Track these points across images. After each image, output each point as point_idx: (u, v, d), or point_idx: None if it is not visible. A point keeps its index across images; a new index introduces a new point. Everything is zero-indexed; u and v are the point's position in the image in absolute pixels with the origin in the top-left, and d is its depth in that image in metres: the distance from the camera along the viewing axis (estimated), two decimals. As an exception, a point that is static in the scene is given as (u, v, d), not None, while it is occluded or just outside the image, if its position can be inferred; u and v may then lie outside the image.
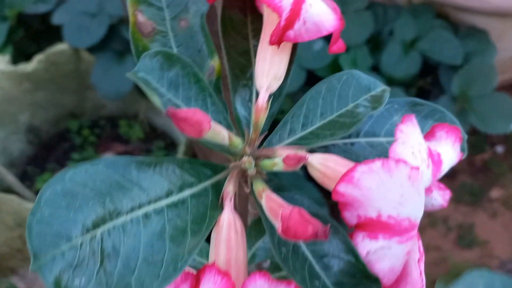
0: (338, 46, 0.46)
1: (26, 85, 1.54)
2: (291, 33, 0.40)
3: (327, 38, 0.44)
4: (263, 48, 0.43)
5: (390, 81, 1.57)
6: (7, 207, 0.96)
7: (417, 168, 0.37)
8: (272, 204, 0.39)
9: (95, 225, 0.34)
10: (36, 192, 1.55)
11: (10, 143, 1.55)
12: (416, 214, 0.38)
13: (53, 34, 1.83)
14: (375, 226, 0.38)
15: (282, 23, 0.39)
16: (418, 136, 0.40)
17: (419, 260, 0.37)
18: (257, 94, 0.44)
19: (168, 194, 0.38)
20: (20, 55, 1.89)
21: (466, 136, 0.48)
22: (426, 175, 0.39)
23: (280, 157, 0.41)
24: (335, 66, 1.57)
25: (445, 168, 0.42)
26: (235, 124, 0.46)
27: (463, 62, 1.48)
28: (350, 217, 0.39)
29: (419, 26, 1.55)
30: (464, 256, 1.93)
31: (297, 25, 0.40)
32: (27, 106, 1.57)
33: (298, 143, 0.44)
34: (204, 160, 0.43)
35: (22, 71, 1.50)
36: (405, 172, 0.37)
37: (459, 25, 1.61)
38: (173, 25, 0.48)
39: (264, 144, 0.45)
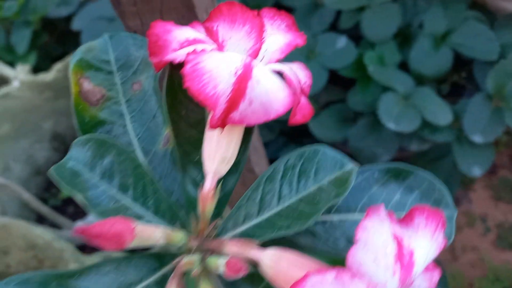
0: (302, 114, 0.40)
1: (47, 94, 1.55)
2: (235, 115, 0.35)
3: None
4: (209, 127, 0.38)
5: (420, 78, 1.46)
6: (16, 231, 0.97)
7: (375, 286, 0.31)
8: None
9: None
10: (63, 200, 1.58)
11: (35, 152, 1.58)
12: None
13: (78, 36, 1.83)
14: None
15: (222, 106, 0.34)
16: (385, 235, 0.34)
17: None
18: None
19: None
20: (45, 59, 1.91)
21: (455, 214, 0.41)
22: (391, 284, 0.33)
23: (227, 255, 0.37)
24: (359, 65, 1.48)
25: (419, 269, 0.36)
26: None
27: (499, 57, 1.35)
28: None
29: (451, 18, 1.42)
30: (504, 258, 1.82)
31: (243, 106, 0.35)
32: (50, 114, 1.59)
33: (252, 232, 0.39)
34: (148, 253, 0.38)
35: (42, 80, 1.51)
36: (360, 292, 0.31)
37: (496, 14, 1.47)
38: (125, 89, 0.44)
39: (217, 231, 0.40)
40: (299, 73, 0.38)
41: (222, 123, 0.35)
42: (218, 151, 0.37)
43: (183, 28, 0.37)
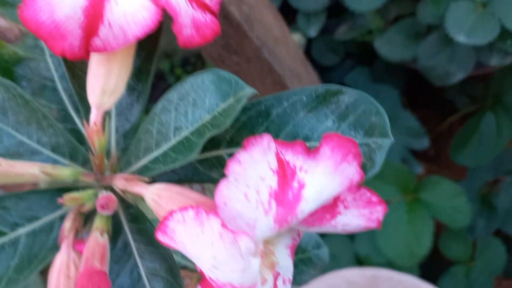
0: (201, 34, 0.35)
1: None
2: (97, 42, 0.31)
3: None
4: (91, 58, 0.35)
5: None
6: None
7: (226, 227, 0.28)
8: (88, 254, 0.33)
9: None
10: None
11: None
12: (241, 280, 0.29)
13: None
14: (206, 283, 0.30)
15: (78, 33, 0.31)
16: (263, 169, 0.30)
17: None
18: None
19: (-7, 238, 0.35)
20: None
21: (389, 143, 0.35)
22: (263, 224, 0.30)
23: (116, 188, 0.35)
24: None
25: (310, 206, 0.31)
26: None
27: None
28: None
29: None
30: None
31: (103, 31, 0.31)
32: None
33: (149, 166, 0.36)
34: (53, 188, 0.38)
35: None
36: (216, 229, 0.28)
37: None
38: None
39: (122, 166, 0.38)
40: None
41: (84, 52, 0.32)
42: (98, 83, 0.35)
43: None
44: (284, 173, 0.31)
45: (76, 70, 0.38)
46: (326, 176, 0.31)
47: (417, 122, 1.54)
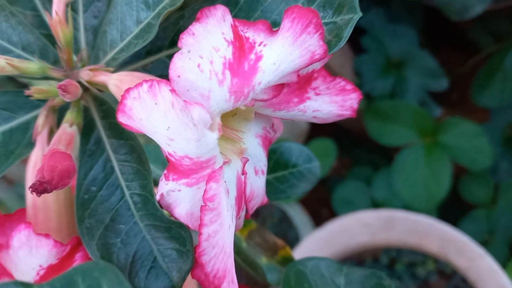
0: None
1: None
2: None
3: None
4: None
5: None
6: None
7: (175, 92, 0.27)
8: (54, 140, 0.33)
9: None
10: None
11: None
12: (197, 151, 0.29)
13: None
14: (170, 164, 0.30)
15: None
16: (217, 39, 0.29)
17: (202, 207, 0.29)
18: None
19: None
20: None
21: (355, 16, 0.33)
22: (218, 95, 0.29)
23: (83, 80, 0.35)
24: None
25: (267, 78, 0.30)
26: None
27: None
28: (163, 149, 0.31)
29: None
30: None
31: None
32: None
33: (116, 57, 0.36)
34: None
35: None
36: (168, 98, 0.28)
37: None
38: None
39: (91, 61, 0.38)
40: None
41: None
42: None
43: None
44: (241, 45, 0.30)
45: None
46: (284, 48, 0.30)
47: (435, 61, 1.48)
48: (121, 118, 0.30)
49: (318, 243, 1.25)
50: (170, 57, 0.38)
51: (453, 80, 1.56)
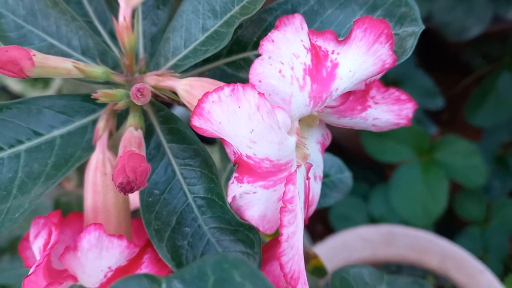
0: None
1: None
2: None
3: None
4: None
5: None
6: None
7: (263, 96, 0.28)
8: (125, 143, 0.34)
9: None
10: None
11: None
12: (278, 153, 0.29)
13: None
14: (242, 166, 0.31)
15: None
16: (296, 46, 0.30)
17: (282, 208, 0.29)
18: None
19: (29, 137, 0.36)
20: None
21: (417, 29, 0.35)
22: (299, 99, 0.30)
23: (148, 85, 0.35)
24: None
25: (344, 84, 0.31)
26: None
27: None
28: (229, 153, 0.32)
29: None
30: None
31: None
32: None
33: (179, 64, 0.37)
34: (86, 93, 0.38)
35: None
36: (253, 101, 0.28)
37: None
38: None
39: (151, 68, 0.39)
40: None
41: None
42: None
43: None
44: (317, 53, 0.31)
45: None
46: (359, 56, 0.31)
47: (431, 81, 1.53)
48: (196, 122, 0.30)
49: (319, 258, 1.25)
50: (228, 65, 0.39)
51: (445, 100, 1.61)
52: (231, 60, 0.39)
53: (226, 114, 0.29)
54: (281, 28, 0.30)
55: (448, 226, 1.55)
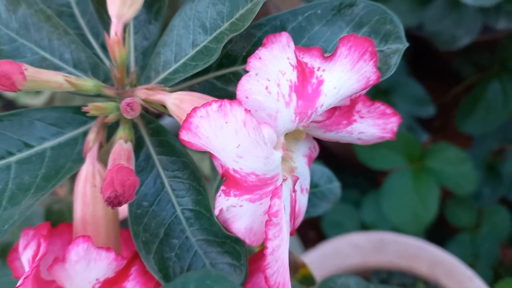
0: None
1: None
2: None
3: None
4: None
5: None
6: None
7: (249, 112, 0.29)
8: (115, 156, 0.34)
9: None
10: None
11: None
12: (264, 168, 0.30)
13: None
14: (229, 180, 0.32)
15: None
16: (283, 63, 0.31)
17: (267, 221, 0.30)
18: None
19: (20, 149, 0.36)
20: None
21: (402, 46, 0.36)
22: (284, 115, 0.31)
23: (138, 98, 0.36)
24: None
25: (328, 100, 0.32)
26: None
27: None
28: (217, 165, 0.33)
29: None
30: None
31: None
32: None
33: (169, 78, 0.37)
34: (78, 105, 0.39)
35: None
36: (240, 117, 0.29)
37: None
38: None
39: (142, 81, 0.39)
40: None
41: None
42: (116, -8, 0.35)
43: None
44: (303, 69, 0.32)
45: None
46: (343, 73, 0.32)
47: (422, 89, 1.55)
48: (185, 136, 0.31)
49: (310, 265, 1.26)
50: (218, 78, 0.40)
51: (436, 108, 1.63)
52: (220, 74, 0.39)
53: (214, 129, 0.30)
54: (268, 46, 0.31)
55: (438, 233, 1.56)
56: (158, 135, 0.38)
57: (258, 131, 0.29)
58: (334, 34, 0.38)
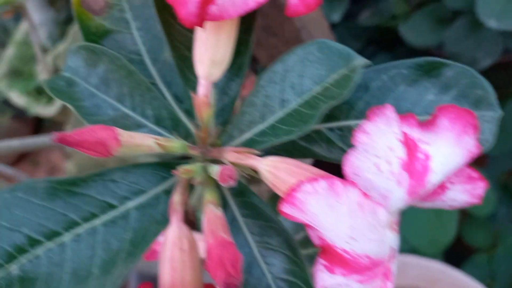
0: (304, 3, 0.35)
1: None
2: (214, 9, 0.31)
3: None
4: (198, 29, 0.35)
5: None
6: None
7: (367, 196, 0.28)
8: (211, 226, 0.33)
9: (10, 256, 0.33)
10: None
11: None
12: (378, 250, 0.29)
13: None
14: (334, 256, 0.30)
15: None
16: (391, 139, 0.30)
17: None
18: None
19: (104, 210, 0.35)
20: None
21: (498, 115, 0.35)
22: (396, 195, 0.30)
23: (227, 164, 0.35)
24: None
25: (437, 177, 0.31)
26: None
27: None
28: (313, 236, 0.32)
29: None
30: None
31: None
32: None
33: (256, 139, 0.36)
34: (155, 162, 0.38)
35: None
36: (354, 199, 0.28)
37: None
38: (129, -5, 0.42)
39: (223, 139, 0.38)
40: None
41: (199, 19, 0.32)
42: (207, 53, 0.35)
43: None
44: (408, 144, 0.31)
45: (175, 42, 0.38)
46: (449, 148, 0.31)
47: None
48: (287, 209, 0.30)
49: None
50: (300, 137, 0.39)
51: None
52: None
53: (323, 207, 0.29)
54: (373, 119, 0.30)
55: (457, 253, 1.56)
56: (242, 196, 0.37)
57: (375, 215, 0.28)
58: (419, 94, 0.37)
